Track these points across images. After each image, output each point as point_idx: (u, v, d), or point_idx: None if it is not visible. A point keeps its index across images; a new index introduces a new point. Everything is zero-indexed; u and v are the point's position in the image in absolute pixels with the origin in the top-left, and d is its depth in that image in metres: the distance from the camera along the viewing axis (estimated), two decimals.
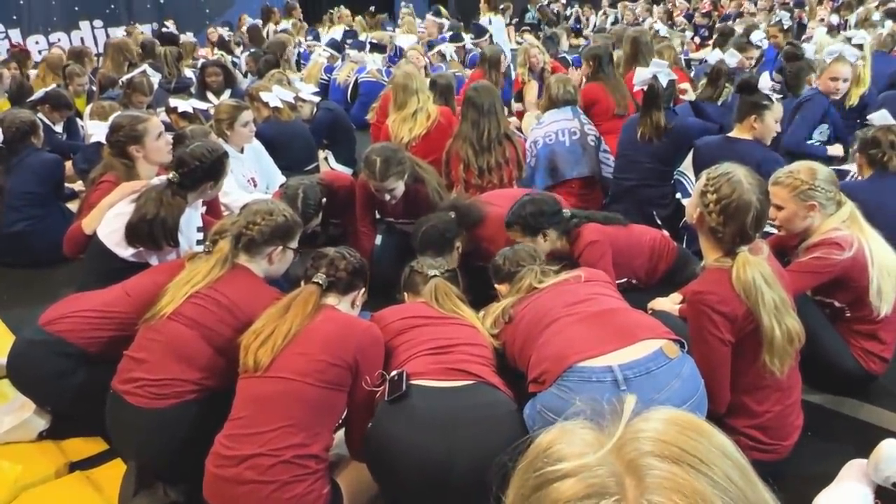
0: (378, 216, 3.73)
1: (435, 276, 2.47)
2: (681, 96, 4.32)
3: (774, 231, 2.73)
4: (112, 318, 2.41)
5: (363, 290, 2.31)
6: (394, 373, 2.06)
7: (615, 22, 11.99)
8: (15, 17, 10.51)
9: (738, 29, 7.47)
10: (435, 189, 3.54)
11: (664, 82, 3.85)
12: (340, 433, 2.16)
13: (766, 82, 3.64)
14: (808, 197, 2.50)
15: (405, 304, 2.52)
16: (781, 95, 4.14)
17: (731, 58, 4.95)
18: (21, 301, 3.57)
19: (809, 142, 4.36)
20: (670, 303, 2.69)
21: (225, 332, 2.18)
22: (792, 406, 2.17)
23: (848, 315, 2.54)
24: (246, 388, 2.00)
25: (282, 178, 4.19)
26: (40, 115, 4.87)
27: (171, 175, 2.78)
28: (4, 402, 2.68)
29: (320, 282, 2.16)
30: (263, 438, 1.88)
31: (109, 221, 2.84)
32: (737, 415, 2.12)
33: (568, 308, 2.17)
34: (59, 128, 5.18)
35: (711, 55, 5.23)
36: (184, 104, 4.55)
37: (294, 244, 2.48)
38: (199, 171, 2.80)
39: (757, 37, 6.27)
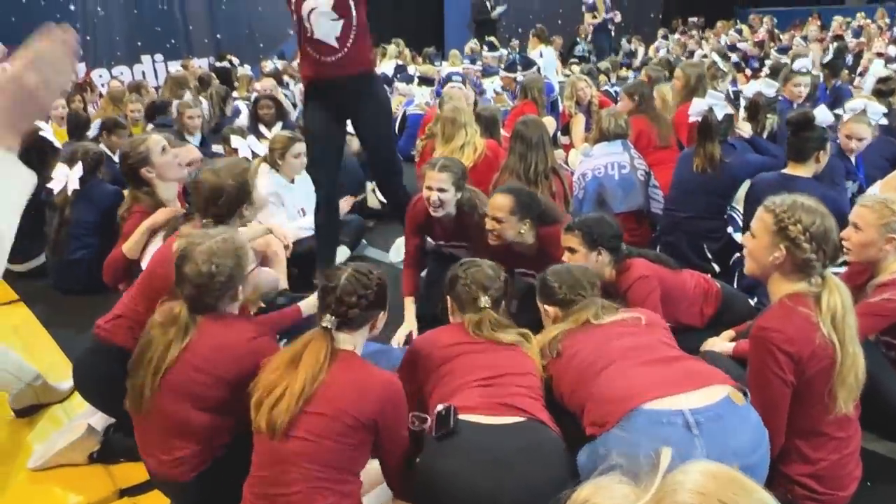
0: (429, 240, 3.70)
1: (485, 308, 2.33)
2: (738, 131, 4.24)
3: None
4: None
5: (382, 313, 2.13)
6: (441, 407, 2.02)
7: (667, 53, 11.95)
8: (81, 52, 10.97)
9: (789, 61, 7.34)
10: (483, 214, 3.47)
11: (720, 115, 3.81)
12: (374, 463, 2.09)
13: (824, 116, 3.54)
14: (892, 230, 2.43)
15: (445, 329, 2.41)
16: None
17: (768, 88, 4.85)
18: (79, 327, 3.67)
19: None
20: (722, 342, 2.62)
21: (215, 394, 2.08)
22: (850, 455, 2.07)
23: None
24: (264, 448, 1.92)
25: None
26: (101, 144, 5.07)
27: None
28: (58, 427, 2.76)
29: (329, 326, 1.98)
30: (293, 500, 1.85)
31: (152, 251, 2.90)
32: (790, 461, 2.04)
33: (626, 352, 2.09)
34: (116, 156, 5.37)
35: (748, 88, 5.12)
36: (239, 141, 4.71)
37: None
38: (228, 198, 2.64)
39: (799, 64, 6.10)
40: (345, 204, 4.08)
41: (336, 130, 3.66)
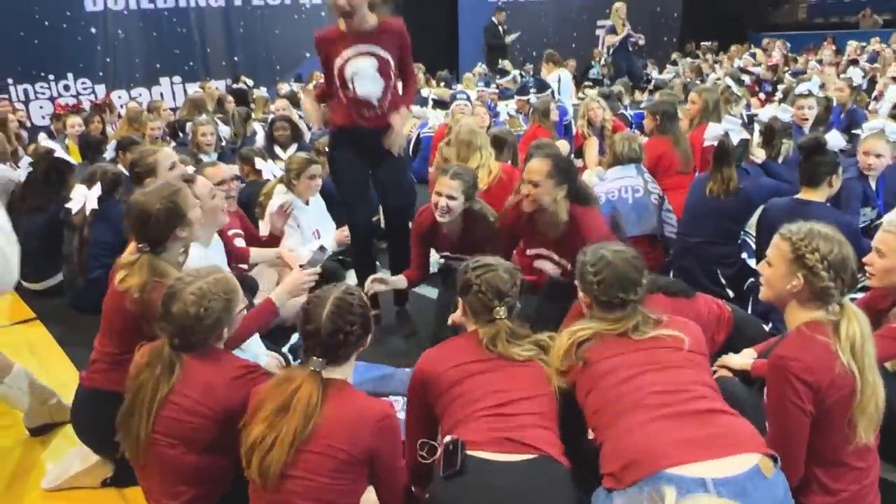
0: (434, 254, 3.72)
1: (501, 319, 2.20)
2: (752, 157, 4.23)
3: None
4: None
5: (370, 336, 2.07)
6: (448, 439, 1.98)
7: (675, 77, 11.97)
8: (101, 74, 11.19)
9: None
10: (493, 232, 3.45)
11: (735, 140, 3.81)
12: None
13: (836, 141, 3.53)
14: None
15: (456, 343, 2.27)
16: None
17: (784, 113, 4.84)
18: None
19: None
20: (742, 359, 2.59)
21: (208, 435, 2.04)
22: (870, 486, 2.04)
23: None
24: (258, 495, 1.90)
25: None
26: (119, 164, 5.13)
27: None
28: (72, 445, 2.77)
29: (317, 368, 1.91)
30: None
31: None
32: (810, 491, 2.00)
33: (657, 395, 1.95)
34: None
35: (763, 112, 5.11)
36: (262, 163, 4.80)
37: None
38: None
39: (804, 87, 6.05)
40: (340, 234, 4.11)
41: (364, 170, 3.75)
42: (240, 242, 3.84)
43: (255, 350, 2.88)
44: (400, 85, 3.69)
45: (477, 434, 1.99)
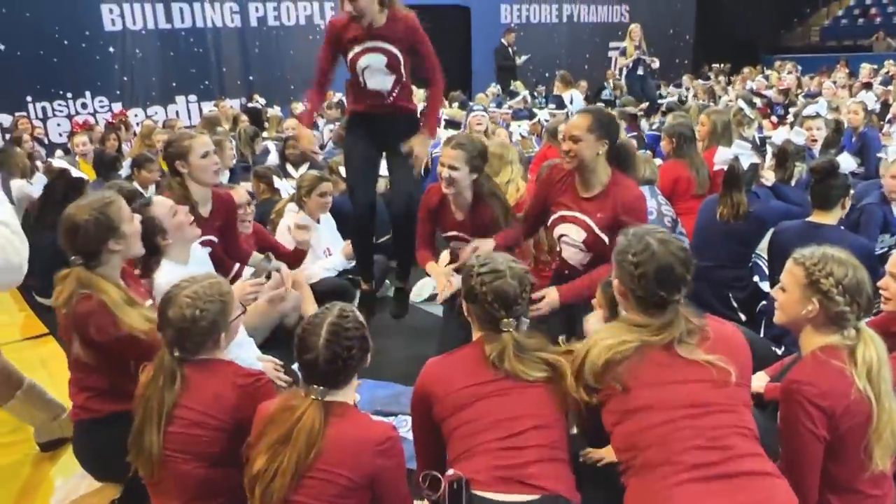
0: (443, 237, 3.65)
1: (508, 332, 2.04)
2: (762, 180, 4.21)
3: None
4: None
5: (368, 355, 2.02)
6: (452, 475, 1.91)
7: (682, 100, 11.97)
8: (118, 92, 11.33)
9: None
10: (504, 209, 3.39)
11: (745, 164, 3.80)
12: None
13: (848, 163, 3.51)
14: None
15: (460, 360, 2.11)
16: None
17: (798, 136, 4.82)
18: None
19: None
20: (755, 381, 2.56)
21: (219, 448, 2.04)
22: None
23: None
24: None
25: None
26: (134, 182, 5.19)
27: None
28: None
29: (318, 397, 1.88)
30: None
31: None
32: None
33: (692, 453, 1.79)
34: (148, 192, 5.49)
35: (776, 134, 5.09)
36: (278, 181, 4.85)
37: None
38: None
39: (812, 108, 6.00)
40: (348, 248, 4.12)
41: (375, 155, 3.74)
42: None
43: (249, 355, 2.87)
44: (421, 89, 3.72)
45: (483, 471, 1.92)
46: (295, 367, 2.33)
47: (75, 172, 4.70)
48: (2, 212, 1.14)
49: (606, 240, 2.94)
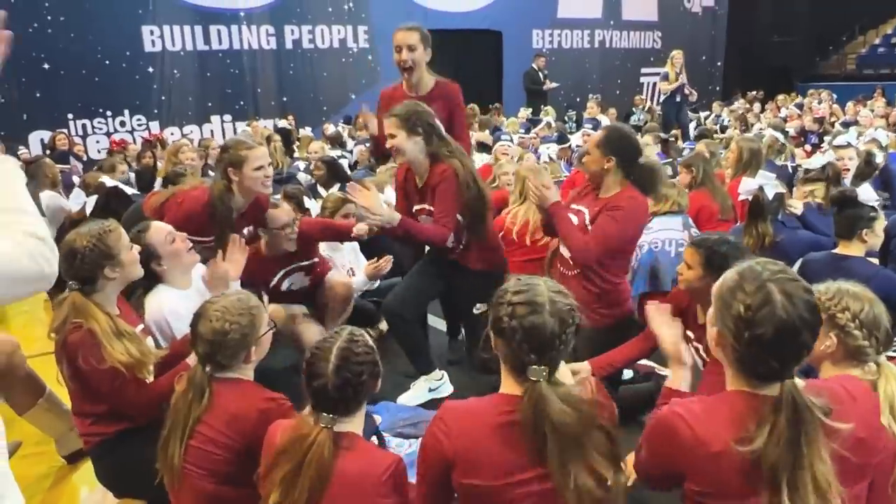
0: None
1: (537, 382, 1.65)
2: (790, 209, 4.16)
3: None
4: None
5: (378, 383, 1.95)
6: None
7: (719, 124, 11.88)
8: (156, 111, 11.63)
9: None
10: (470, 173, 3.37)
11: (770, 194, 3.76)
12: None
13: (868, 194, 3.45)
14: None
15: (487, 419, 1.71)
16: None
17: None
18: None
19: None
20: None
21: (233, 468, 2.06)
22: None
23: None
24: None
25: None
26: None
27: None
28: None
29: (329, 425, 1.81)
30: None
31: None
32: None
33: None
34: None
35: (809, 163, 5.02)
36: (308, 201, 4.92)
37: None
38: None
39: (843, 139, 5.88)
40: (369, 268, 4.10)
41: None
42: None
43: None
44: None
45: None
46: None
47: (129, 189, 4.81)
48: (41, 228, 1.21)
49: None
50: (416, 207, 3.52)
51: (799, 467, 1.46)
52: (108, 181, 5.00)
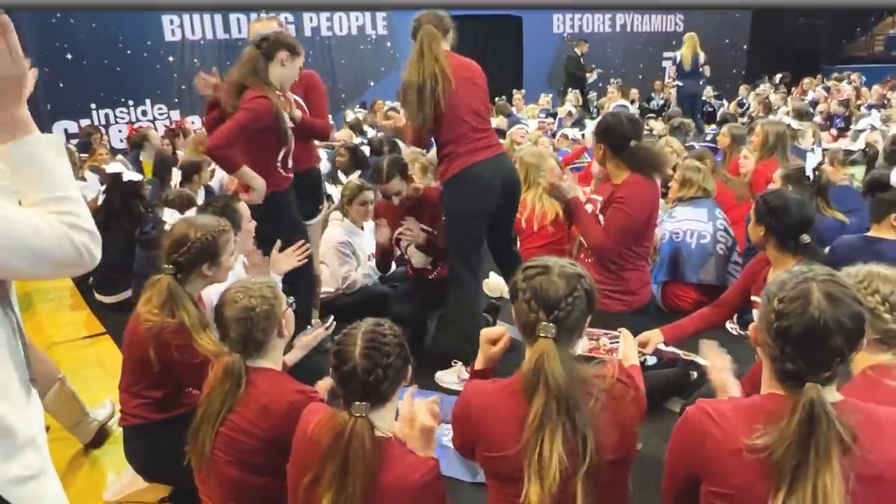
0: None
1: (545, 338, 1.68)
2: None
3: None
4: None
5: (409, 366, 1.89)
6: None
7: (745, 109, 11.70)
8: (177, 100, 11.70)
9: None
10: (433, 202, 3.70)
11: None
12: None
13: None
14: None
15: (509, 395, 1.74)
16: None
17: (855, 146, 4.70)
18: None
19: None
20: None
21: (262, 458, 2.05)
22: None
23: None
24: None
25: None
26: (186, 188, 5.36)
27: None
28: None
29: (363, 413, 1.74)
30: None
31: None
32: None
33: None
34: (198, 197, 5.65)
35: (835, 146, 4.98)
36: (329, 187, 4.94)
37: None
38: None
39: (866, 122, 5.77)
40: None
41: None
42: None
43: None
44: None
45: None
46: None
47: (127, 175, 4.84)
48: (86, 217, 1.24)
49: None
50: (397, 231, 3.85)
51: (802, 476, 1.37)
52: (110, 168, 5.05)
